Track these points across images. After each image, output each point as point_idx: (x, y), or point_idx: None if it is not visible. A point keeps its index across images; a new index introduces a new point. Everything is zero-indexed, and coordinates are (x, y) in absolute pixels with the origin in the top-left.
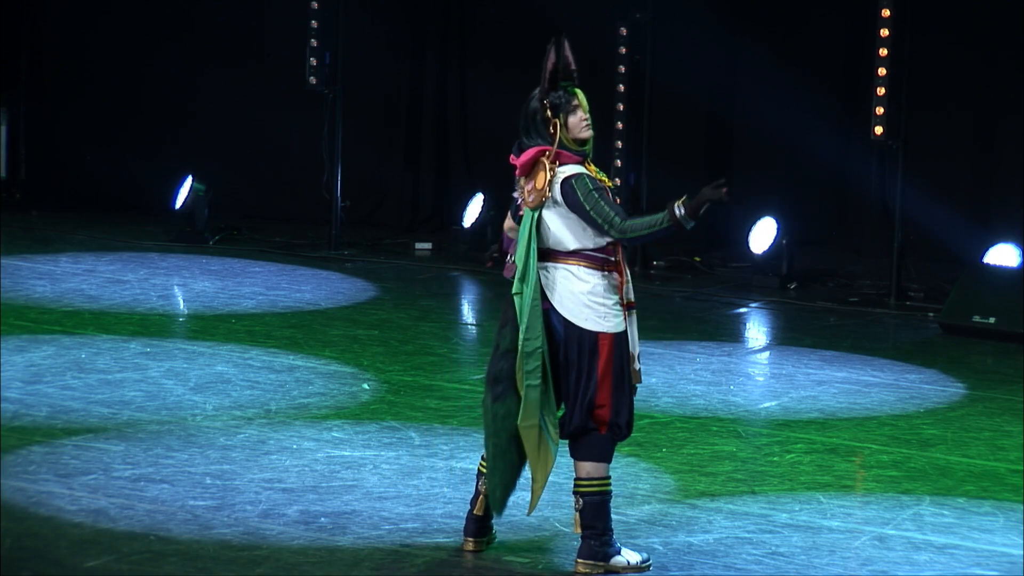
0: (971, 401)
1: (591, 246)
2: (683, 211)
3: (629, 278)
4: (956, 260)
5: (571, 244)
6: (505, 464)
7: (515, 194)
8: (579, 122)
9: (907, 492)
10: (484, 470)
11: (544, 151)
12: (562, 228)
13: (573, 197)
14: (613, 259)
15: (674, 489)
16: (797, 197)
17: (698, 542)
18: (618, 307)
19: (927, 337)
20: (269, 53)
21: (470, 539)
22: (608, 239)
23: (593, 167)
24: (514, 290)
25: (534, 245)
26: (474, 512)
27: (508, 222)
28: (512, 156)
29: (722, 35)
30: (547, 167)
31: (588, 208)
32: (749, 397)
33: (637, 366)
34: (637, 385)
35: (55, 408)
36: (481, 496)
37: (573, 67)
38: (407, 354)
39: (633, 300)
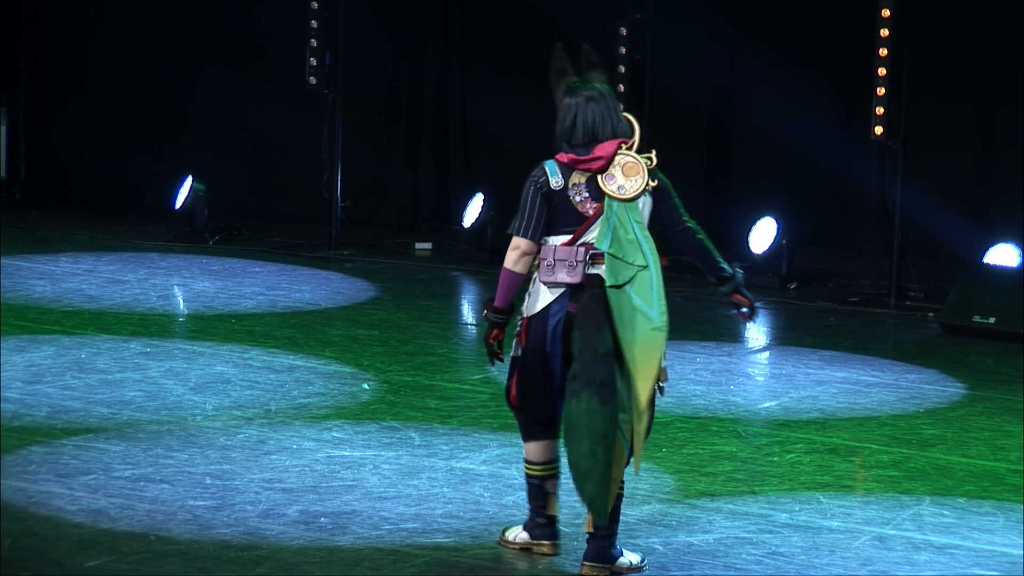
0: (971, 401)
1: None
2: (739, 279)
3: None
4: (956, 260)
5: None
6: (612, 467)
7: (556, 186)
8: None
9: (907, 492)
10: (543, 473)
11: (622, 143)
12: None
13: (664, 184)
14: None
15: (674, 489)
16: (797, 197)
17: (698, 542)
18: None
19: (927, 337)
20: (269, 53)
21: (545, 543)
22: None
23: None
24: (611, 281)
25: (643, 232)
26: (547, 513)
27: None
28: (573, 155)
29: (722, 35)
30: (640, 159)
31: (675, 196)
32: (749, 397)
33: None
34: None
35: (55, 408)
36: (552, 496)
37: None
38: (407, 354)
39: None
